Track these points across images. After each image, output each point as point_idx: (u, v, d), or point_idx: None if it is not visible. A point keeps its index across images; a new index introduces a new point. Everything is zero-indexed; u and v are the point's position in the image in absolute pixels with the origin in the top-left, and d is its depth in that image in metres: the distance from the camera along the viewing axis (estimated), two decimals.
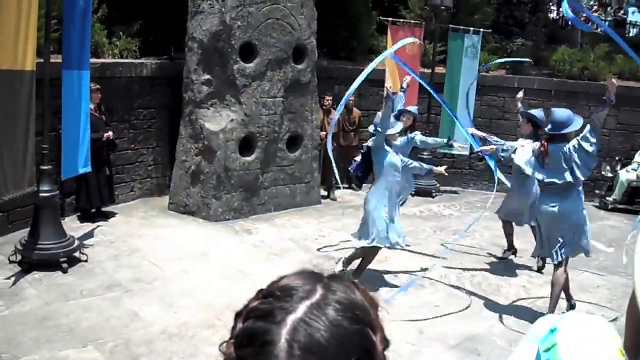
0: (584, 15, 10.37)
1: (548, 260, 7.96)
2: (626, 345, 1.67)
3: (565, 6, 6.82)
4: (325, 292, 1.09)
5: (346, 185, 13.91)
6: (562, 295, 7.49)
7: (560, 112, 7.55)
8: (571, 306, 7.74)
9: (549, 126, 7.53)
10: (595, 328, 1.64)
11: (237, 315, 1.12)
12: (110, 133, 10.11)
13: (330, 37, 13.82)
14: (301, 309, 1.06)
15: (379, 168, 8.01)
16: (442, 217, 12.27)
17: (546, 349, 1.63)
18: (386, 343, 1.12)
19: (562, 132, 7.26)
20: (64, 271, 7.95)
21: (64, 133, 8.55)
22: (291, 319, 1.04)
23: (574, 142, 7.14)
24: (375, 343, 1.08)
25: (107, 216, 10.44)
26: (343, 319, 1.06)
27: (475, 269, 9.27)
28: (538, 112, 9.11)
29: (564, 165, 7.16)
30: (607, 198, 13.92)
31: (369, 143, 8.23)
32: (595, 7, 24.71)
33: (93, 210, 10.32)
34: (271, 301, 1.09)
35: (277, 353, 1.01)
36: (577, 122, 7.36)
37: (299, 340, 1.01)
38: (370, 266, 8.82)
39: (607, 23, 23.55)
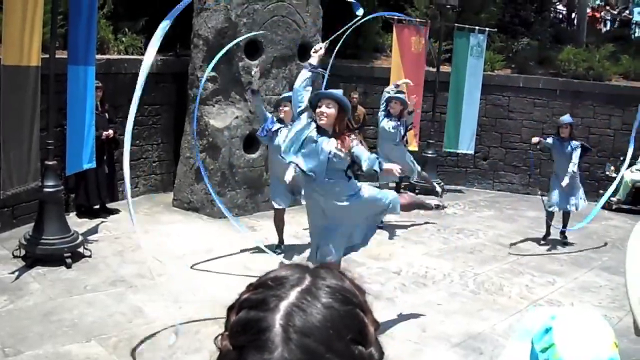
0: None
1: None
2: None
3: None
4: (314, 279, 1.12)
5: None
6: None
7: None
8: None
9: None
10: (589, 324, 1.65)
11: (230, 308, 1.15)
12: (111, 132, 10.06)
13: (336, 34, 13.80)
14: (293, 295, 1.09)
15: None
16: (446, 216, 12.25)
17: (543, 349, 1.64)
18: (377, 324, 1.15)
19: None
20: (68, 266, 7.97)
21: (69, 128, 8.55)
22: (284, 304, 1.07)
23: None
24: (367, 323, 1.12)
25: (111, 212, 10.46)
26: (334, 301, 1.09)
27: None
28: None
29: None
30: (612, 198, 13.89)
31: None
32: (602, 6, 24.59)
33: (97, 207, 10.33)
34: (263, 291, 1.12)
35: (272, 338, 1.03)
36: None
37: (294, 324, 1.04)
38: (373, 263, 8.85)
39: (611, 22, 23.57)
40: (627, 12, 23.75)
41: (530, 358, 1.71)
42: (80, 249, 8.37)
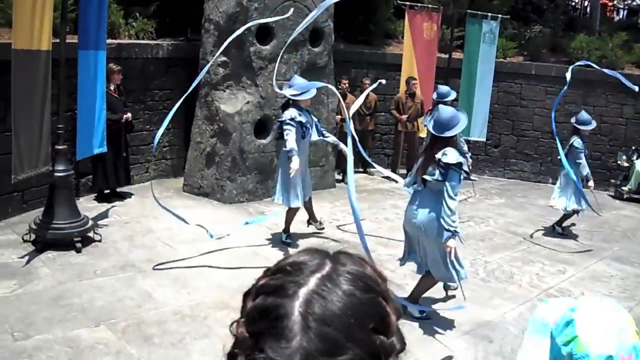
0: None
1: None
2: None
3: None
4: (334, 265, 1.09)
5: (361, 170, 13.90)
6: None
7: (445, 111, 6.38)
8: None
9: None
10: (610, 314, 1.63)
11: (246, 294, 1.11)
12: (129, 115, 10.16)
13: (348, 20, 13.77)
14: (312, 281, 1.05)
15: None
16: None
17: (566, 342, 1.62)
18: (398, 313, 1.11)
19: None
20: (78, 251, 7.99)
21: (80, 113, 8.57)
22: (303, 291, 1.03)
23: None
24: (389, 312, 1.08)
25: (122, 197, 10.48)
26: (355, 289, 1.05)
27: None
28: None
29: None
30: (623, 188, 13.83)
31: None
32: None
33: (107, 191, 10.35)
34: (281, 277, 1.08)
35: (291, 326, 1.00)
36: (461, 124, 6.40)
37: (313, 312, 1.01)
38: (383, 250, 8.83)
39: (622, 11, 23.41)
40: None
41: (551, 352, 1.69)
42: (90, 234, 8.38)
